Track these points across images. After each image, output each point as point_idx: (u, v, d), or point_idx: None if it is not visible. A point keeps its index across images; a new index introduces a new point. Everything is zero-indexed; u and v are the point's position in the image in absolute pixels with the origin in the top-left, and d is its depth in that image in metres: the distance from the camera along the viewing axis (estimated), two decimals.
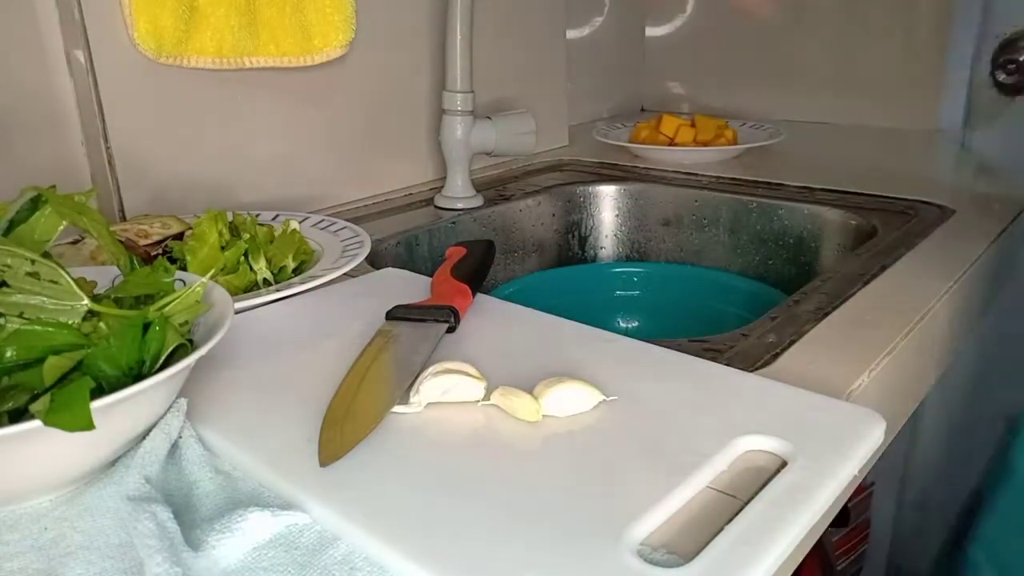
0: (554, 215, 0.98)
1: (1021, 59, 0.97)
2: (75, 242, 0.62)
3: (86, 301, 0.37)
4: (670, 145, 1.09)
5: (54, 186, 0.40)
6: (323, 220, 0.73)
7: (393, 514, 0.33)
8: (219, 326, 0.39)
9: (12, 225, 0.39)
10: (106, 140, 0.70)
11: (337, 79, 0.87)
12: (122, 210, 0.72)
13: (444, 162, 0.94)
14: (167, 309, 0.39)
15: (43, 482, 0.35)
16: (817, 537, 0.39)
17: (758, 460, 0.37)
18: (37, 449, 0.33)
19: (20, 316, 0.36)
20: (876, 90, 1.23)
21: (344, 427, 0.38)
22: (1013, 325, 1.00)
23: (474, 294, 0.54)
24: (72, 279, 0.37)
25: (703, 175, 1.00)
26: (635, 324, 0.89)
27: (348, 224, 0.71)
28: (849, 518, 1.16)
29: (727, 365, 0.46)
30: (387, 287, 0.59)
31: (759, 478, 0.35)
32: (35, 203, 0.40)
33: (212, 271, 0.50)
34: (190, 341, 0.40)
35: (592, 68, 1.37)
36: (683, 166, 1.04)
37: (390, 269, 0.63)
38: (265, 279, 0.60)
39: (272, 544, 0.32)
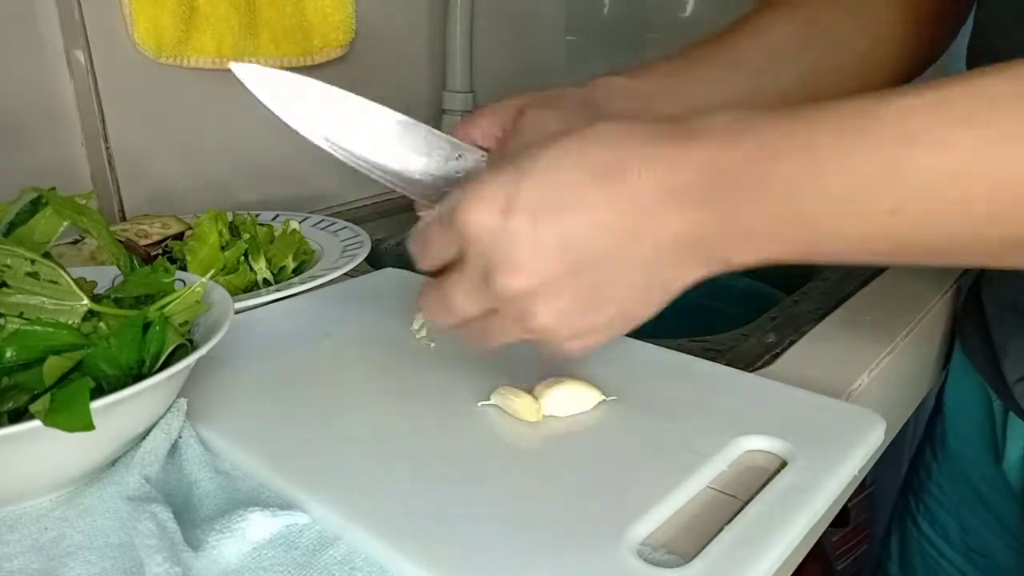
0: None
1: None
2: (75, 242, 0.62)
3: (86, 301, 0.37)
4: None
5: (54, 188, 0.40)
6: (323, 220, 0.73)
7: (393, 514, 0.32)
8: (219, 326, 0.39)
9: (12, 227, 0.39)
10: (106, 140, 0.70)
11: (337, 79, 0.87)
12: (122, 210, 0.72)
13: None
14: (167, 309, 0.39)
15: (43, 482, 0.35)
16: (817, 537, 0.39)
17: (758, 460, 0.37)
18: (37, 449, 0.33)
19: (20, 316, 0.36)
20: None
21: None
22: None
23: None
24: (72, 279, 0.37)
25: None
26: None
27: (348, 224, 0.71)
28: (849, 518, 1.16)
29: (727, 365, 0.46)
30: (387, 287, 0.59)
31: (759, 478, 0.35)
32: (35, 204, 0.40)
33: (212, 271, 0.50)
34: (190, 341, 0.40)
35: (592, 67, 1.37)
36: None
37: (390, 269, 0.63)
38: (265, 279, 0.60)
39: (272, 544, 0.32)
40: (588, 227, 0.31)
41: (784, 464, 0.36)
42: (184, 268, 0.58)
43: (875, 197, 0.28)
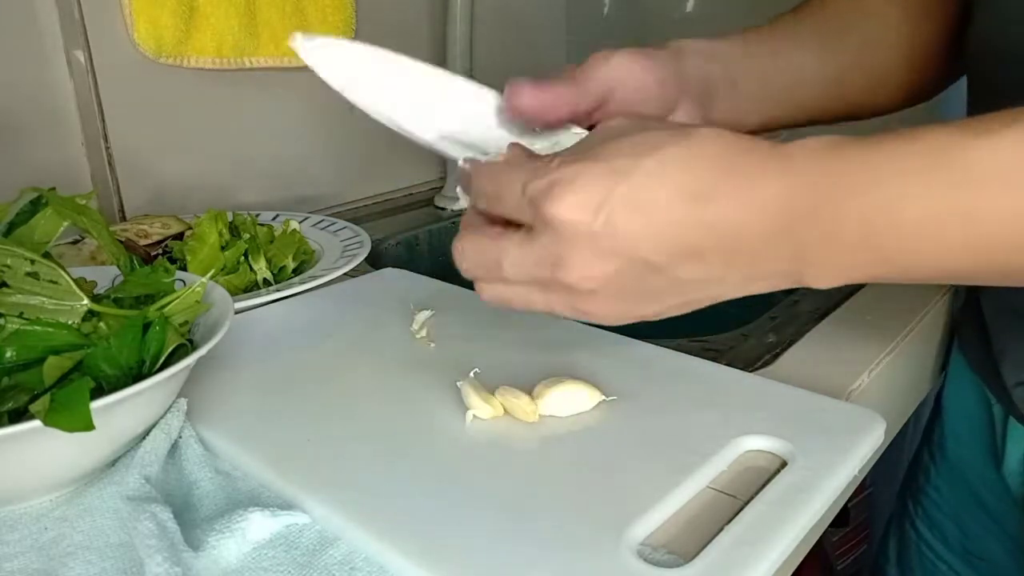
0: None
1: None
2: (75, 242, 0.62)
3: (86, 301, 0.37)
4: None
5: (54, 188, 0.40)
6: (323, 220, 0.73)
7: (393, 514, 0.33)
8: (219, 326, 0.39)
9: (12, 227, 0.39)
10: (106, 140, 0.70)
11: None
12: (122, 210, 0.72)
13: (444, 162, 0.94)
14: (167, 309, 0.39)
15: (43, 482, 0.35)
16: (817, 537, 0.39)
17: (758, 460, 0.37)
18: (37, 449, 0.33)
19: (20, 316, 0.36)
20: None
21: None
22: None
23: None
24: (72, 279, 0.37)
25: None
26: (635, 324, 0.89)
27: (348, 224, 0.71)
28: (849, 518, 1.16)
29: (727, 365, 0.46)
30: (387, 287, 0.59)
31: (759, 478, 0.35)
32: (35, 205, 0.40)
33: (212, 271, 0.50)
34: (190, 341, 0.40)
35: None
36: None
37: (390, 269, 0.63)
38: (265, 279, 0.60)
39: (272, 544, 0.32)
40: (669, 246, 0.32)
41: (784, 464, 0.36)
42: (184, 268, 0.58)
43: (957, 239, 0.29)
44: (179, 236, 0.64)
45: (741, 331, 0.53)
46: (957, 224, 0.28)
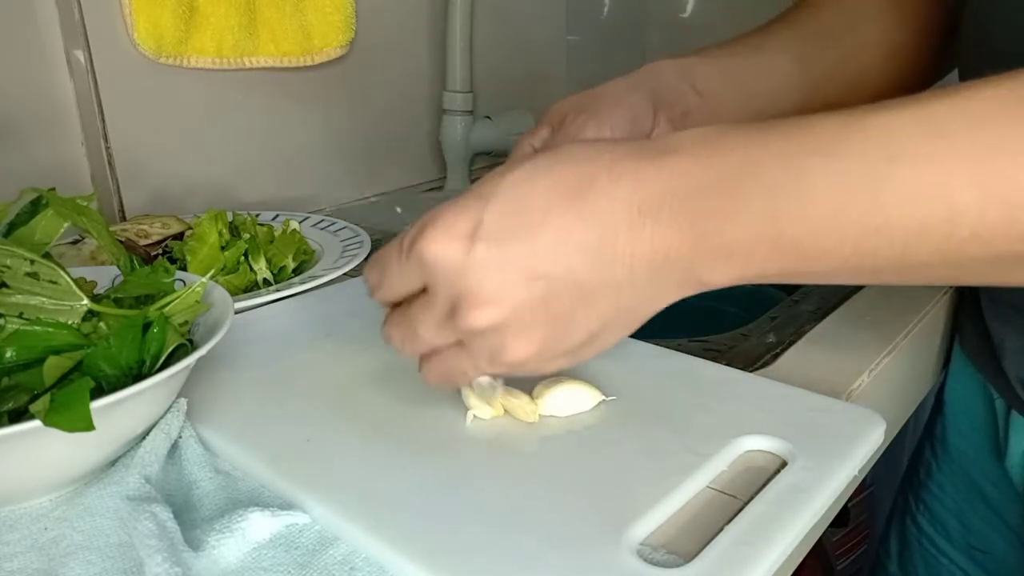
0: None
1: None
2: (75, 242, 0.62)
3: (86, 301, 0.37)
4: None
5: (54, 188, 0.40)
6: (323, 220, 0.73)
7: (393, 514, 0.33)
8: (219, 326, 0.39)
9: (12, 227, 0.39)
10: (106, 140, 0.70)
11: (337, 79, 0.87)
12: (122, 210, 0.72)
13: (444, 162, 0.94)
14: (167, 309, 0.39)
15: (43, 482, 0.35)
16: (817, 537, 0.39)
17: (758, 460, 0.37)
18: (37, 449, 0.33)
19: (20, 316, 0.36)
20: None
21: None
22: None
23: None
24: (72, 279, 0.37)
25: None
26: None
27: (348, 224, 0.71)
28: (849, 518, 1.16)
29: (727, 365, 0.46)
30: None
31: (759, 478, 0.35)
32: (35, 205, 0.40)
33: (212, 271, 0.50)
34: (190, 341, 0.40)
35: (592, 67, 1.37)
36: None
37: None
38: (265, 279, 0.60)
39: (272, 544, 0.32)
40: (556, 251, 0.29)
41: (784, 464, 0.36)
42: (184, 268, 0.58)
43: (859, 214, 0.27)
44: (179, 236, 0.64)
45: (741, 331, 0.53)
46: (857, 204, 0.27)
